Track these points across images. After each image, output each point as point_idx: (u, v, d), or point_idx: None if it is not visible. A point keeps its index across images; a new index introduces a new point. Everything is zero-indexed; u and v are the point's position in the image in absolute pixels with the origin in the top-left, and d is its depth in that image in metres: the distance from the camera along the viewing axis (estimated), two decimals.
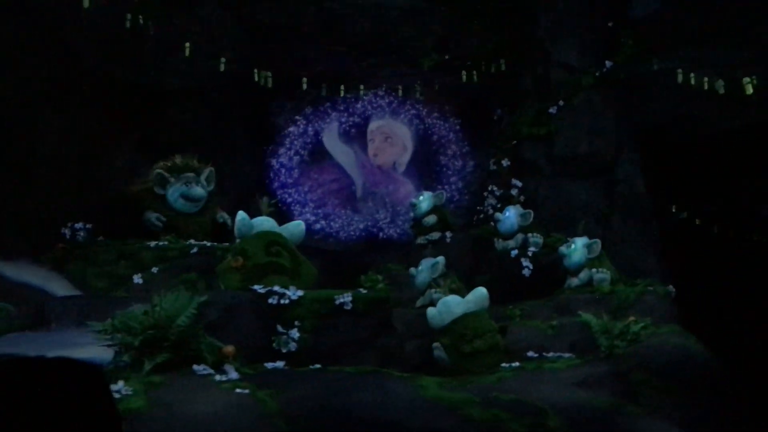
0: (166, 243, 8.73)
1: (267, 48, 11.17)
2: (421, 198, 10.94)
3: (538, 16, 11.04)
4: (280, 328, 5.27)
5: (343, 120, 13.00)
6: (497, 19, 11.49)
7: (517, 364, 6.28)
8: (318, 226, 13.19)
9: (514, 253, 9.78)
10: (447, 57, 11.56)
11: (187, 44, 9.76)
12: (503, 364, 6.27)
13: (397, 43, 11.43)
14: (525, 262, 9.66)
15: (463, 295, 9.44)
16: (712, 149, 10.62)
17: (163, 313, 4.55)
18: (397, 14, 11.31)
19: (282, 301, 5.38)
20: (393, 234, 12.79)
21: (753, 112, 10.08)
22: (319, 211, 13.25)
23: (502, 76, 11.47)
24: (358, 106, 12.69)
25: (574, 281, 9.21)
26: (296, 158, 13.29)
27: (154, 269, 8.42)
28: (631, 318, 8.51)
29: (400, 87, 11.70)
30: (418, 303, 9.26)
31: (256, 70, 10.42)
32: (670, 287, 9.17)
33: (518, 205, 10.44)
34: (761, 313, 10.11)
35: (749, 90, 9.15)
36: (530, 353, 6.86)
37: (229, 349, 4.47)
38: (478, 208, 11.41)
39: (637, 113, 10.71)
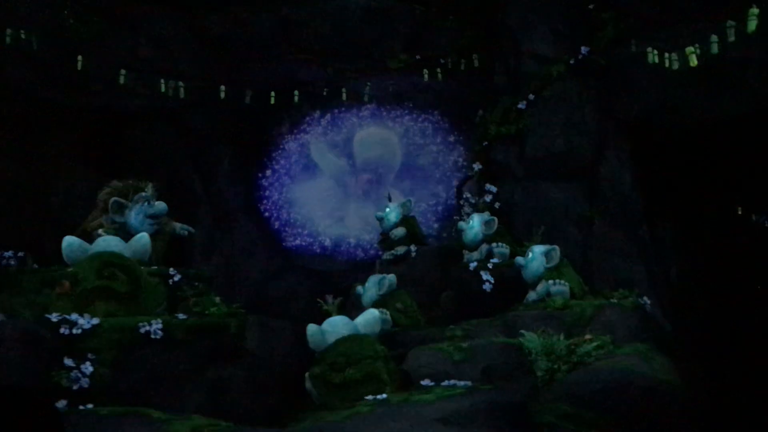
0: None
1: (225, 62, 10.71)
2: (387, 209, 10.10)
3: (507, 4, 10.04)
4: (68, 362, 4.65)
5: (325, 132, 12.38)
6: (467, 11, 10.59)
7: (383, 396, 5.38)
8: (305, 244, 12.58)
9: (473, 265, 8.79)
10: (417, 57, 10.73)
11: (80, 57, 9.28)
12: (367, 397, 5.39)
13: (363, 46, 10.72)
14: (485, 276, 8.65)
15: (416, 317, 8.66)
16: (709, 140, 9.28)
17: None
18: (360, 16, 10.62)
19: (74, 331, 4.77)
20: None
21: (749, 98, 8.73)
22: (307, 229, 12.64)
23: (476, 72, 10.54)
24: (336, 116, 12.03)
25: (532, 295, 8.14)
26: (280, 176, 12.74)
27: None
28: (587, 336, 7.42)
29: (369, 92, 10.92)
30: None
31: (162, 81, 9.87)
32: (644, 299, 7.94)
33: (486, 212, 9.44)
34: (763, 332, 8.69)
35: (693, 61, 7.83)
36: (426, 381, 5.93)
37: None
38: (454, 217, 10.46)
39: (620, 104, 9.52)
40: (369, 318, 6.16)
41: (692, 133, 9.40)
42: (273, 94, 10.77)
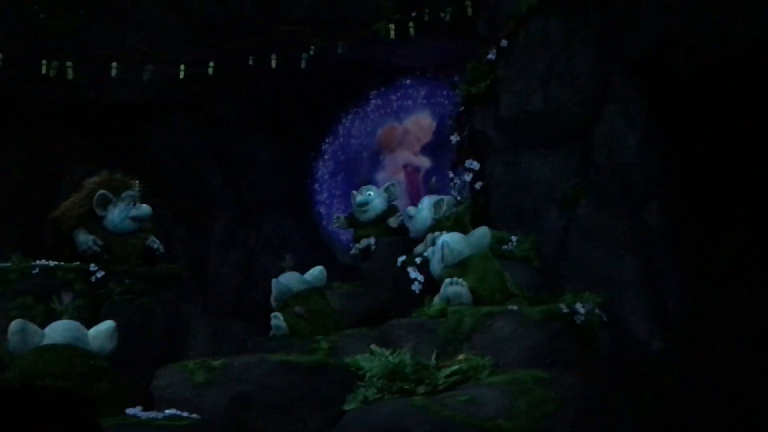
0: (9, 265, 8.00)
1: (213, 43, 9.95)
2: (370, 194, 8.46)
3: None
4: None
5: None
6: None
7: None
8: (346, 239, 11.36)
9: (400, 260, 7.01)
10: (414, 14, 9.03)
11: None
12: None
13: (351, 8, 9.29)
14: (413, 274, 6.82)
15: (323, 321, 7.10)
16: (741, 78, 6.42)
17: None
18: None
19: None
20: None
21: None
22: None
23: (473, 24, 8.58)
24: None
25: (436, 298, 6.19)
26: (327, 166, 11.70)
27: None
28: (459, 356, 5.40)
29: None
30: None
31: (69, 64, 9.20)
32: (575, 306, 5.57)
33: (456, 193, 7.57)
34: None
35: None
36: (134, 410, 4.59)
37: None
38: None
39: (624, 41, 7.00)
40: (102, 330, 4.93)
41: (725, 69, 6.60)
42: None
